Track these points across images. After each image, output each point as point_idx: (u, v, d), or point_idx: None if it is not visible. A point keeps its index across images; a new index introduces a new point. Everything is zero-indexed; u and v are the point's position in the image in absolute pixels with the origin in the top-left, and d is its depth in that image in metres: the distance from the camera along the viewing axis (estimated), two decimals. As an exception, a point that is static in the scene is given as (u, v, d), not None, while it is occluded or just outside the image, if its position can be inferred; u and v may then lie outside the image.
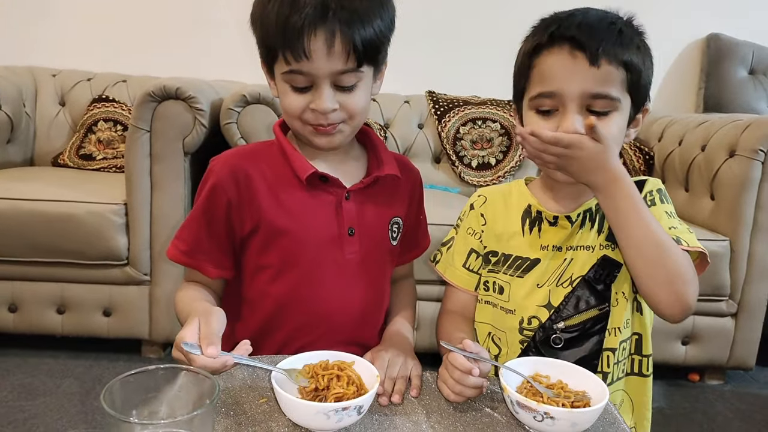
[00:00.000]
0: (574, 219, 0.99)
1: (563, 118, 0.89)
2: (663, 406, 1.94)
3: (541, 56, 0.91)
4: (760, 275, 1.93)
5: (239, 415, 0.76)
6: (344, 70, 0.88)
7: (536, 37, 0.92)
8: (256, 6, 0.92)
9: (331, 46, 0.85)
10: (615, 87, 0.88)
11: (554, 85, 0.89)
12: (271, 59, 0.92)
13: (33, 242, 1.87)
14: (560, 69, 0.89)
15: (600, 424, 0.78)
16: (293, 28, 0.84)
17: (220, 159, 0.99)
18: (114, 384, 0.62)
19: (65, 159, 2.42)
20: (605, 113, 0.89)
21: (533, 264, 1.00)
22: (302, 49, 0.85)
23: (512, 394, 0.75)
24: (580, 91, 0.88)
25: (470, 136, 2.49)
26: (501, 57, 2.89)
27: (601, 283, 0.97)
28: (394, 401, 0.83)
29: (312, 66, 0.87)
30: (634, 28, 0.93)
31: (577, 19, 0.90)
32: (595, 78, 0.87)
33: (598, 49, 0.86)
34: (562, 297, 0.97)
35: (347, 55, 0.87)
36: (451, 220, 1.12)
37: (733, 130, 1.94)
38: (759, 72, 2.67)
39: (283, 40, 0.86)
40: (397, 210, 1.06)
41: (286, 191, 0.96)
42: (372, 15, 0.88)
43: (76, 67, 2.63)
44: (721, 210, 1.94)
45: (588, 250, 0.98)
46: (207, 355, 0.71)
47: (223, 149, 1.89)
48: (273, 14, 0.86)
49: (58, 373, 1.89)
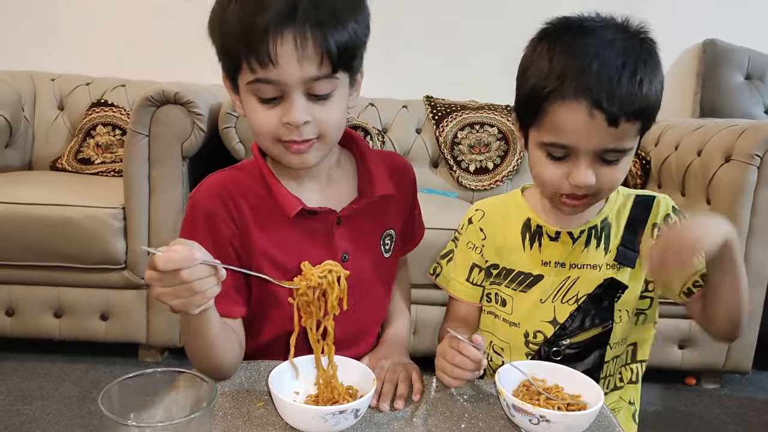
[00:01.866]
0: (576, 235, 0.97)
1: (575, 168, 0.86)
2: (659, 410, 1.94)
3: (555, 105, 0.84)
4: (756, 280, 1.93)
5: (236, 419, 0.76)
6: (317, 76, 0.79)
7: (550, 81, 0.84)
8: (215, 10, 0.83)
9: (302, 48, 0.77)
10: (630, 139, 0.86)
11: (569, 140, 0.84)
12: (234, 69, 0.82)
13: (31, 246, 1.87)
14: (577, 126, 0.83)
15: (595, 427, 0.78)
16: (257, 29, 0.76)
17: (208, 192, 0.90)
18: (112, 387, 0.62)
19: (64, 163, 2.42)
20: (616, 163, 0.87)
21: (536, 280, 0.99)
22: (268, 54, 0.76)
23: (508, 397, 0.76)
24: (596, 147, 0.84)
25: (468, 141, 2.49)
26: (499, 62, 2.89)
27: (606, 301, 0.97)
28: (397, 407, 0.82)
29: (280, 73, 0.78)
30: (650, 48, 0.87)
31: (596, 69, 0.81)
32: (612, 136, 0.83)
33: (619, 109, 0.81)
34: (568, 314, 0.97)
35: (320, 60, 0.78)
36: (449, 224, 1.12)
37: (729, 135, 1.94)
38: (755, 77, 2.69)
39: (246, 44, 0.77)
40: (390, 222, 1.01)
41: (274, 225, 0.90)
42: (347, 16, 0.80)
43: (75, 71, 2.64)
44: (717, 215, 1.94)
45: (594, 269, 0.97)
46: (168, 254, 0.67)
47: (222, 154, 1.92)
48: (234, 16, 0.78)
49: (55, 377, 1.89)
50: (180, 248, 0.68)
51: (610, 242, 0.98)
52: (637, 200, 1.00)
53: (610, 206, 0.99)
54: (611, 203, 1.00)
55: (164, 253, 0.67)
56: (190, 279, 0.69)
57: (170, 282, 0.68)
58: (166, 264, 0.67)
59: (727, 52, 2.68)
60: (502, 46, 2.83)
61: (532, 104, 0.87)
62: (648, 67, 0.85)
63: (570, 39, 0.85)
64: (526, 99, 0.89)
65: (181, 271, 0.67)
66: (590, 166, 0.85)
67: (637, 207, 0.99)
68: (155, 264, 0.67)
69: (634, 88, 0.82)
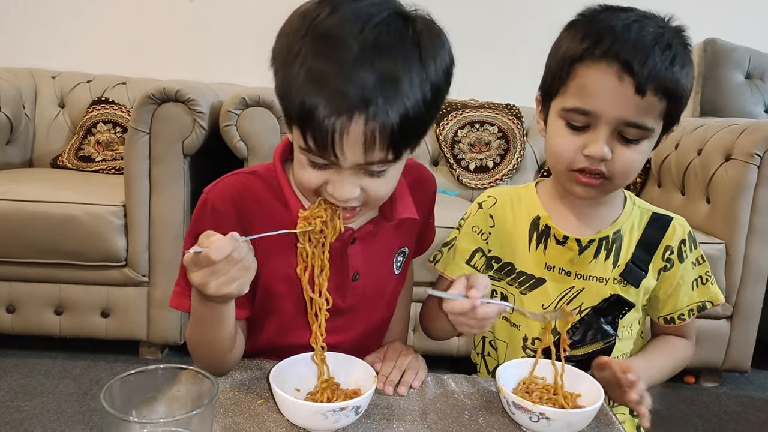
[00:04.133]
0: (584, 244, 0.95)
1: (593, 141, 0.85)
2: (658, 409, 1.93)
3: (585, 67, 0.84)
4: (756, 278, 1.94)
5: (237, 416, 0.76)
6: (376, 161, 0.73)
7: (585, 44, 0.84)
8: (279, 62, 0.73)
9: (367, 144, 0.70)
10: (652, 117, 0.84)
11: (593, 105, 0.83)
12: (290, 125, 0.76)
13: (31, 243, 1.87)
14: (604, 89, 0.82)
15: (595, 425, 0.79)
16: (321, 123, 0.68)
17: (222, 192, 0.87)
18: (114, 383, 0.63)
19: (64, 160, 2.42)
20: (636, 141, 0.85)
21: (538, 283, 0.97)
22: (331, 150, 0.70)
23: (508, 395, 0.76)
24: (618, 117, 0.83)
25: (468, 140, 2.50)
26: (499, 60, 2.90)
27: (610, 316, 0.96)
28: (401, 393, 0.84)
29: (340, 160, 0.72)
30: (685, 44, 0.86)
31: (632, 36, 0.82)
32: (637, 106, 0.82)
33: (648, 76, 0.80)
34: (570, 325, 0.95)
35: (385, 151, 0.72)
36: (449, 222, 1.11)
37: (729, 134, 1.95)
38: (755, 77, 2.69)
39: (309, 129, 0.70)
40: (406, 240, 0.98)
41: (282, 242, 0.85)
42: (421, 111, 0.71)
43: (76, 69, 2.64)
44: (717, 213, 1.95)
45: (600, 282, 0.95)
46: (213, 243, 0.68)
47: (223, 152, 1.92)
48: (297, 95, 0.69)
49: (55, 374, 1.89)
50: (218, 236, 0.70)
51: (620, 256, 0.95)
52: (653, 218, 0.98)
53: (625, 217, 0.97)
54: (626, 214, 0.98)
55: (206, 248, 0.68)
56: (241, 257, 0.70)
57: (225, 269, 0.70)
58: (219, 252, 0.68)
59: (727, 51, 2.68)
60: (502, 45, 2.85)
61: (562, 69, 0.87)
62: (682, 53, 0.85)
63: (608, 14, 0.86)
64: (556, 67, 0.88)
65: (233, 253, 0.69)
66: (608, 141, 0.84)
67: (653, 225, 0.97)
68: (210, 257, 0.67)
69: (666, 62, 0.82)
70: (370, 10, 0.69)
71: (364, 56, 0.67)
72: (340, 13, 0.69)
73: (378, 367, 0.88)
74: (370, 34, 0.68)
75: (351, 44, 0.67)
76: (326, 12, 0.69)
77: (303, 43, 0.69)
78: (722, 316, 1.99)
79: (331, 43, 0.68)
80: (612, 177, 0.87)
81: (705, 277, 0.99)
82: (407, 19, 0.72)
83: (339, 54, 0.67)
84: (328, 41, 0.68)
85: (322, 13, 0.70)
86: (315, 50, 0.68)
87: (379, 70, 0.67)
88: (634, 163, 0.87)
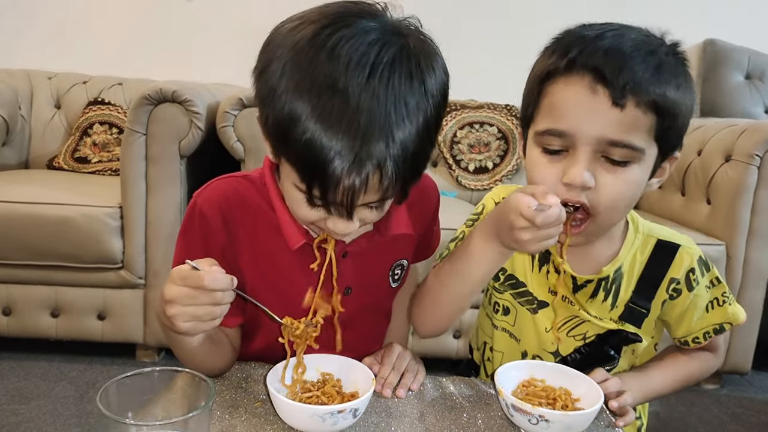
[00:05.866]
0: (580, 283, 0.88)
1: (571, 165, 0.74)
2: (659, 410, 1.94)
3: (555, 84, 0.76)
4: (756, 280, 1.93)
5: (234, 418, 0.75)
6: (379, 199, 0.72)
7: (552, 59, 0.76)
8: (272, 98, 0.68)
9: (374, 192, 0.69)
10: (639, 135, 0.73)
11: (566, 124, 0.74)
12: (280, 157, 0.72)
13: (27, 245, 1.86)
14: (575, 105, 0.73)
15: (594, 427, 0.78)
16: (334, 182, 0.66)
17: (210, 197, 0.85)
18: (110, 386, 0.62)
19: (60, 162, 2.41)
20: (622, 164, 0.75)
21: (541, 305, 0.92)
22: (337, 202, 0.69)
23: (507, 397, 0.75)
24: (597, 136, 0.73)
25: (467, 140, 2.49)
26: (498, 61, 2.90)
27: (614, 345, 0.91)
28: (399, 395, 0.83)
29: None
30: (679, 58, 0.77)
31: (605, 43, 0.73)
32: (617, 122, 0.72)
33: (625, 86, 0.70)
34: (572, 348, 0.92)
35: (394, 195, 0.72)
36: (448, 224, 1.10)
37: (729, 135, 1.94)
38: (755, 77, 2.69)
39: (317, 183, 0.68)
40: (403, 253, 0.95)
41: (273, 252, 0.84)
42: (428, 146, 0.71)
43: (72, 69, 2.63)
44: (717, 215, 1.94)
45: (600, 320, 0.90)
46: (213, 271, 0.67)
47: (220, 153, 1.91)
48: (306, 148, 0.65)
49: (51, 377, 1.88)
50: (220, 270, 0.69)
51: (619, 297, 0.89)
52: (658, 246, 0.89)
53: (627, 250, 0.89)
54: (628, 246, 0.89)
55: (205, 270, 0.67)
56: (223, 302, 0.69)
57: (200, 301, 0.68)
58: (213, 282, 0.67)
59: (727, 52, 2.68)
60: (501, 45, 2.84)
61: (532, 92, 0.80)
62: (673, 64, 0.75)
63: (582, 27, 0.78)
64: (527, 92, 0.81)
65: (216, 292, 0.68)
66: (589, 164, 0.74)
67: (657, 255, 0.89)
68: (202, 279, 0.66)
69: (650, 68, 0.72)
70: (369, 50, 0.66)
71: (375, 115, 0.64)
72: (342, 58, 0.65)
73: (376, 370, 0.88)
74: (381, 83, 0.65)
75: (361, 101, 0.64)
76: (326, 55, 0.65)
77: (302, 90, 0.65)
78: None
79: (339, 98, 0.64)
80: (596, 212, 0.77)
81: (722, 299, 0.91)
82: (404, 48, 0.68)
83: (351, 116, 0.64)
84: (334, 93, 0.64)
85: (321, 55, 0.65)
86: (321, 105, 0.65)
87: (393, 131, 0.65)
88: (622, 194, 0.76)
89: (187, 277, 0.68)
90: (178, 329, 0.70)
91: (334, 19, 0.68)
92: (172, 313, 0.68)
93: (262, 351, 0.92)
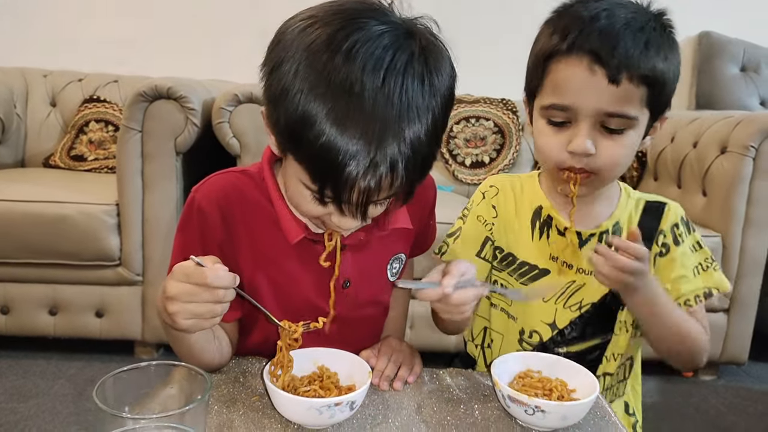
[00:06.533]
0: (585, 238, 0.94)
1: (575, 135, 0.84)
2: (656, 402, 1.95)
3: (557, 63, 0.84)
4: (752, 271, 1.94)
5: (232, 413, 0.76)
6: (387, 197, 0.74)
7: (554, 40, 0.85)
8: (285, 97, 0.68)
9: (385, 191, 0.71)
10: (633, 105, 0.83)
11: (569, 99, 0.84)
12: (287, 152, 0.73)
13: (24, 243, 1.86)
14: (576, 83, 0.83)
15: (591, 417, 0.78)
16: (349, 182, 0.67)
17: (208, 192, 0.85)
18: (106, 380, 0.62)
19: (56, 160, 2.40)
20: (620, 131, 0.84)
21: (541, 274, 0.97)
22: (351, 203, 0.70)
23: (504, 388, 0.76)
24: (596, 109, 0.83)
25: (464, 135, 2.49)
26: (494, 55, 2.89)
27: (609, 311, 0.95)
28: (396, 388, 0.84)
29: None
30: (665, 28, 0.86)
31: (600, 25, 0.81)
32: (613, 96, 0.81)
33: (620, 65, 0.80)
34: (568, 321, 0.96)
35: (397, 196, 0.75)
36: (445, 218, 1.09)
37: (725, 126, 1.95)
38: (750, 69, 2.69)
39: (331, 183, 0.69)
40: (401, 247, 0.96)
41: (272, 247, 0.85)
42: (436, 147, 0.74)
43: (68, 67, 2.62)
44: (713, 206, 1.95)
45: None
46: (216, 269, 0.67)
47: (216, 149, 1.91)
48: (322, 150, 0.66)
49: (50, 375, 1.88)
50: (224, 268, 0.69)
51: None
52: (647, 206, 0.97)
53: (621, 210, 0.97)
54: (622, 207, 0.97)
55: (209, 267, 0.67)
56: (224, 300, 0.69)
57: (202, 298, 0.68)
58: (216, 279, 0.67)
59: (722, 44, 2.69)
60: (498, 40, 2.84)
61: (537, 68, 0.88)
62: (659, 36, 0.83)
63: (578, 6, 0.86)
64: (532, 66, 0.89)
65: (222, 292, 0.68)
66: (590, 134, 0.84)
67: (647, 214, 0.96)
68: (205, 276, 0.66)
69: (639, 47, 0.81)
70: (384, 54, 0.67)
71: (389, 118, 0.66)
72: (357, 61, 0.66)
73: (374, 363, 0.88)
74: (395, 87, 0.66)
75: (376, 104, 0.65)
76: (341, 58, 0.66)
77: (318, 92, 0.66)
78: (719, 309, 1.99)
79: (355, 101, 0.65)
80: (598, 172, 0.87)
81: (706, 264, 0.97)
82: (417, 51, 0.69)
83: (367, 120, 0.65)
84: (350, 96, 0.65)
85: (337, 59, 0.66)
86: (337, 108, 0.65)
87: (405, 133, 0.67)
88: (620, 157, 0.86)
89: (190, 274, 0.68)
90: (179, 326, 0.70)
91: (347, 21, 0.68)
92: (173, 310, 0.68)
93: (260, 345, 0.92)
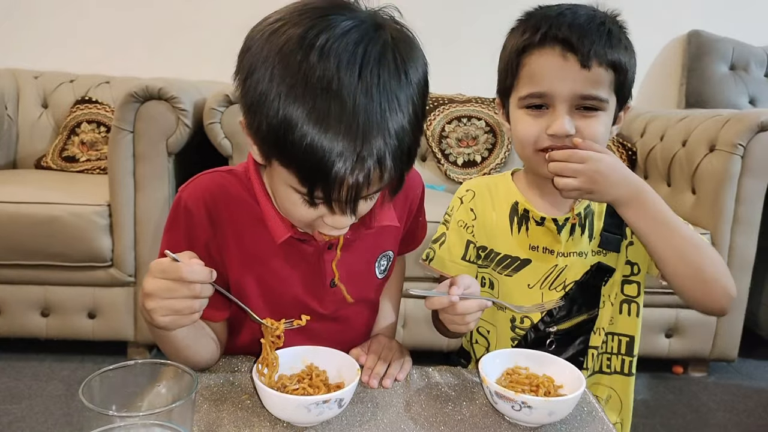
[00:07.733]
0: (561, 223, 0.98)
1: (553, 119, 0.89)
2: (647, 399, 1.96)
3: (531, 56, 0.91)
4: (741, 268, 1.95)
5: (222, 411, 0.76)
6: (374, 191, 0.74)
7: (526, 36, 0.91)
8: (264, 102, 0.67)
9: (374, 185, 0.71)
10: (604, 88, 0.89)
11: (545, 86, 0.89)
12: (271, 159, 0.72)
13: (16, 245, 1.86)
14: (551, 70, 0.89)
15: (577, 413, 0.79)
16: (338, 180, 0.67)
17: (194, 191, 0.86)
18: (93, 379, 0.62)
19: (48, 161, 2.40)
20: (593, 113, 0.90)
21: (523, 264, 0.99)
22: (341, 200, 0.70)
23: (491, 384, 0.76)
24: (571, 93, 0.88)
25: (456, 134, 2.50)
26: (485, 55, 2.89)
27: (593, 287, 0.98)
28: (385, 385, 0.84)
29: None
30: (620, 26, 0.93)
31: (567, 19, 0.89)
32: (586, 80, 0.88)
33: (590, 51, 0.86)
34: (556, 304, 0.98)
35: (383, 191, 0.75)
36: (437, 217, 1.10)
37: (714, 125, 1.96)
38: (739, 68, 2.70)
39: (320, 183, 0.68)
40: (389, 245, 0.97)
41: (259, 246, 0.85)
42: (418, 134, 0.73)
43: (59, 68, 2.61)
44: (702, 204, 1.96)
45: (581, 257, 0.98)
46: (191, 263, 0.68)
47: (207, 149, 1.91)
48: (308, 151, 0.66)
49: (42, 377, 1.88)
50: (200, 263, 0.69)
51: (594, 229, 0.99)
52: None
53: None
54: None
55: (184, 262, 0.68)
56: (201, 295, 0.69)
57: (179, 294, 0.68)
58: (191, 274, 0.67)
59: (711, 43, 2.70)
60: (488, 39, 2.83)
61: (511, 65, 0.93)
62: (618, 31, 0.91)
63: (542, 9, 0.94)
64: (505, 65, 0.95)
65: (199, 287, 0.68)
66: (568, 115, 0.89)
67: None
68: (181, 271, 0.67)
69: (604, 35, 0.88)
70: (357, 49, 0.67)
71: (371, 112, 0.66)
72: (331, 59, 0.65)
73: (363, 361, 0.88)
74: (372, 80, 0.66)
75: (356, 100, 0.65)
76: (316, 57, 0.66)
77: (296, 95, 0.65)
78: (709, 305, 2.00)
79: (335, 99, 0.65)
80: None
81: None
82: (387, 42, 0.70)
83: (349, 117, 0.65)
84: (329, 95, 0.65)
85: (311, 58, 0.65)
86: (318, 108, 0.65)
87: (389, 125, 0.67)
88: (598, 134, 0.90)
89: (165, 270, 0.68)
90: (157, 323, 0.70)
91: (315, 19, 0.68)
92: (151, 307, 0.69)
93: (249, 345, 0.92)
